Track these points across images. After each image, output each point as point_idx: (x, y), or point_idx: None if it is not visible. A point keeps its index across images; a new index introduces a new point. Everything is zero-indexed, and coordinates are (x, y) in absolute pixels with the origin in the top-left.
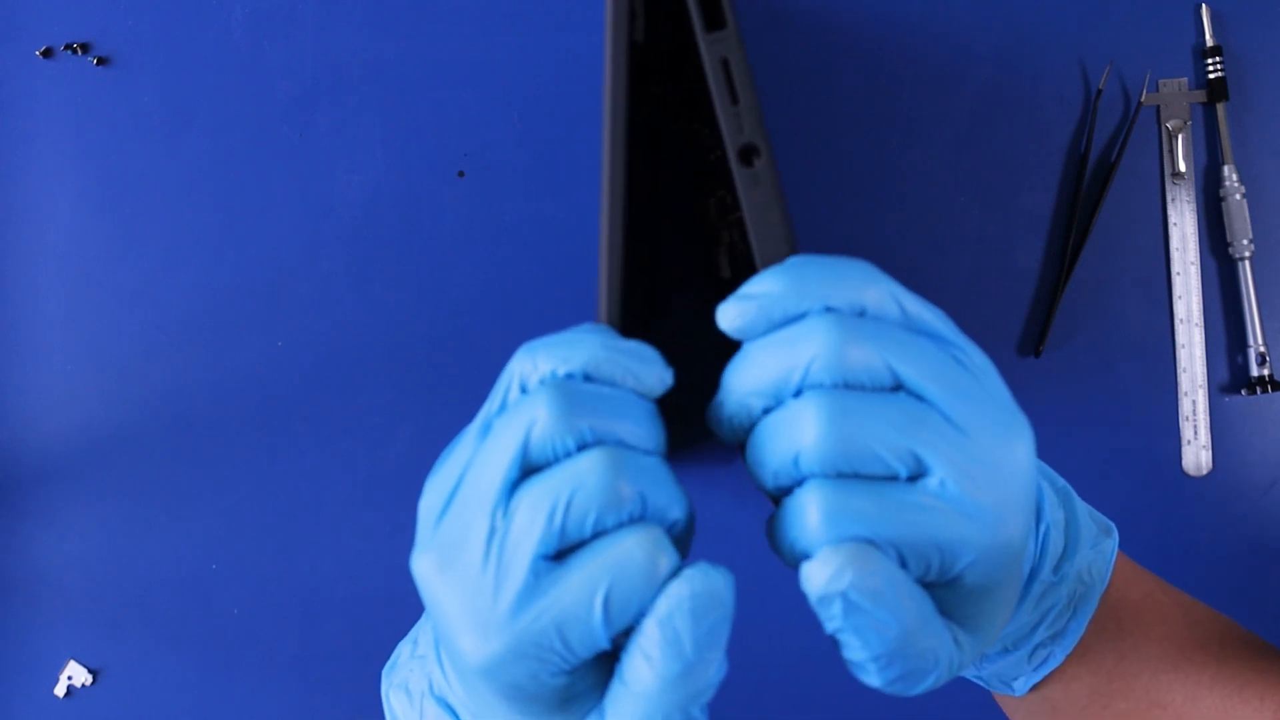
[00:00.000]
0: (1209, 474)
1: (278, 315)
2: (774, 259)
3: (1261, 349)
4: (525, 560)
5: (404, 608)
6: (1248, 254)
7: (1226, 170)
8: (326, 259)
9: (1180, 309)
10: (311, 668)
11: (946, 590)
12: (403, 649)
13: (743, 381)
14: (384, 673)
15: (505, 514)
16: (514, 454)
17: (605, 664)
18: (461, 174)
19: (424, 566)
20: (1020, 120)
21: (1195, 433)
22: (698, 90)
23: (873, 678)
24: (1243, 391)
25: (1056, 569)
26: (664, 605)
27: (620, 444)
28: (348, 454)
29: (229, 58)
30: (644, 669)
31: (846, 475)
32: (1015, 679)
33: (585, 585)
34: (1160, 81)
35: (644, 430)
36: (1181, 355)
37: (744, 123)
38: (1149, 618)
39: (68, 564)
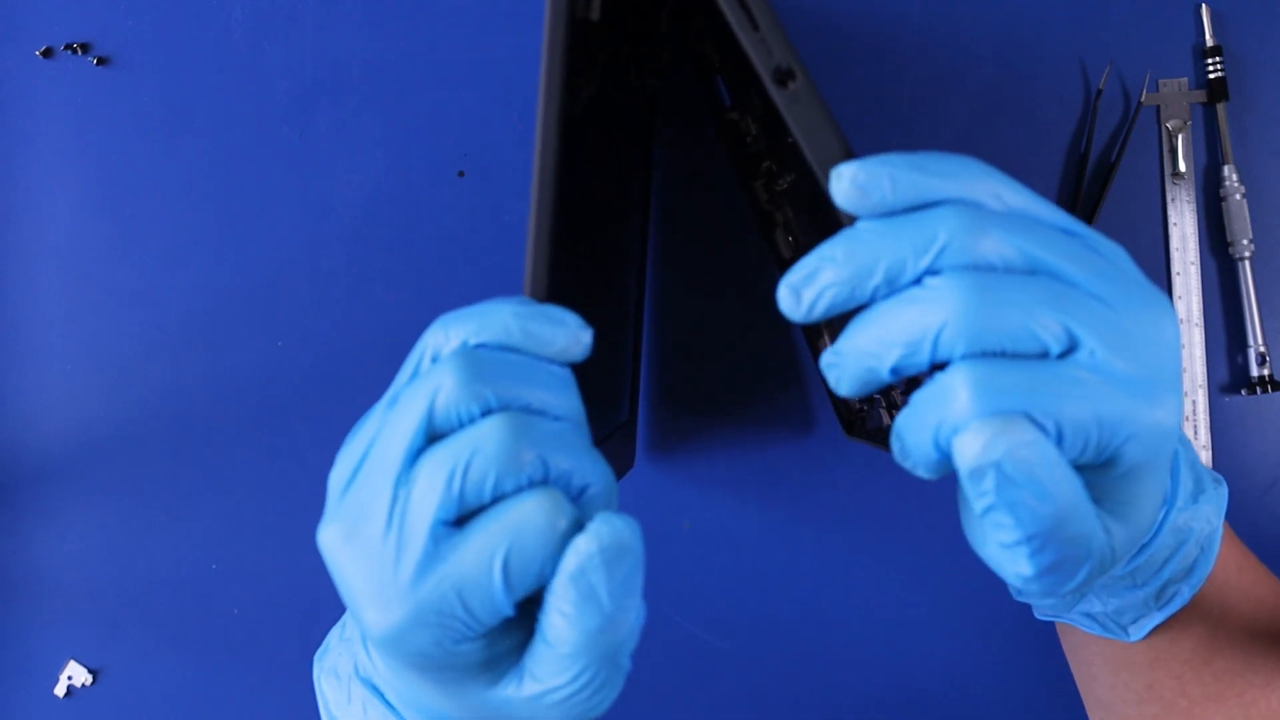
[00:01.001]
0: None
1: (278, 315)
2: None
3: (1261, 349)
4: (424, 527)
5: None
6: (1248, 254)
7: (1226, 170)
8: (326, 259)
9: (1180, 309)
10: (311, 668)
11: (1098, 473)
12: (333, 634)
13: (865, 260)
14: (315, 659)
15: (407, 482)
16: (418, 422)
17: (523, 626)
18: (461, 174)
19: (328, 538)
20: (1020, 120)
21: (1195, 433)
22: (720, 54)
23: (1025, 565)
24: (1243, 391)
25: (1194, 499)
26: (573, 561)
27: (526, 409)
28: None
29: (229, 58)
30: (562, 625)
31: (993, 354)
32: (1135, 621)
33: (483, 549)
34: (1160, 81)
35: (553, 395)
36: (1181, 355)
37: (771, 46)
38: (1247, 578)
39: (68, 564)
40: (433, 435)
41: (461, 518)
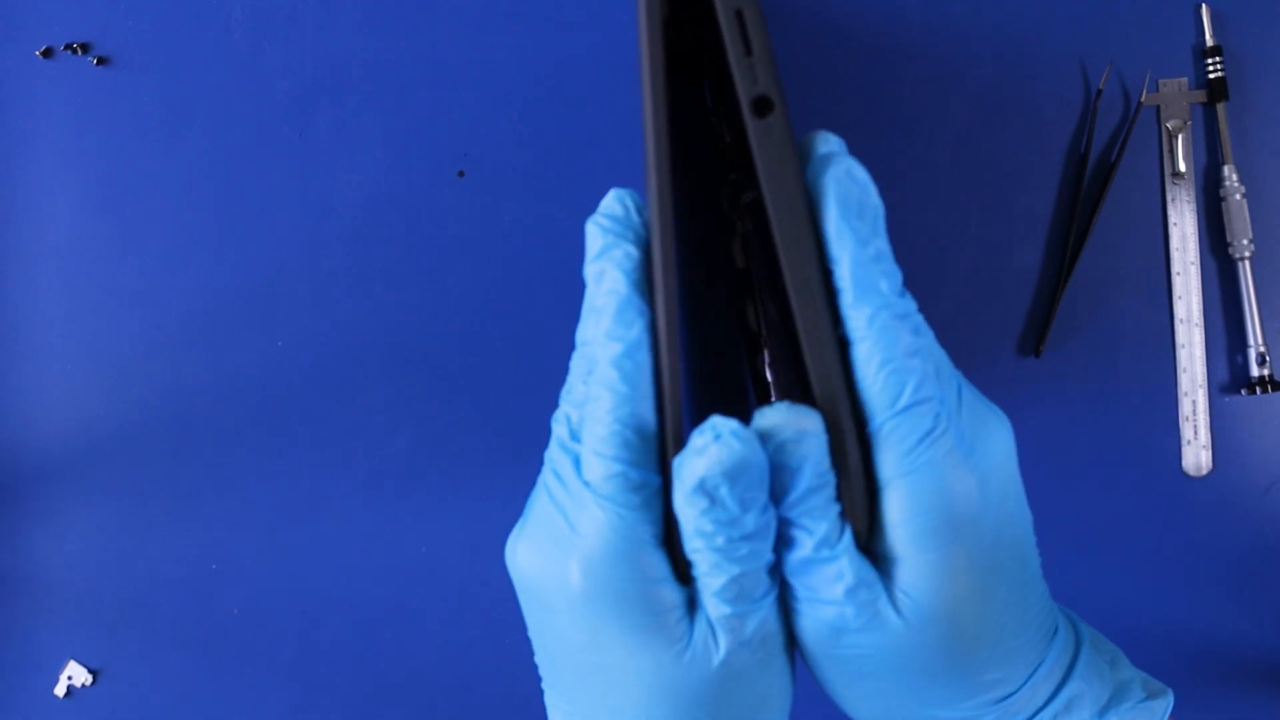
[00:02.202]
0: (1209, 474)
1: (278, 315)
2: (787, 215)
3: (1261, 349)
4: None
5: (404, 607)
6: (1248, 254)
7: (1226, 170)
8: (326, 259)
9: (1180, 309)
10: (311, 668)
11: None
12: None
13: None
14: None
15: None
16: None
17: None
18: (461, 174)
19: (522, 549)
20: (1020, 120)
21: (1195, 433)
22: (712, 60)
23: None
24: (1243, 391)
25: (1103, 711)
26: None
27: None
28: (348, 454)
29: (229, 58)
30: (702, 545)
31: None
32: None
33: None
34: (1160, 81)
35: None
36: (1181, 355)
37: (758, 74)
38: None
39: (68, 564)
40: None
41: None
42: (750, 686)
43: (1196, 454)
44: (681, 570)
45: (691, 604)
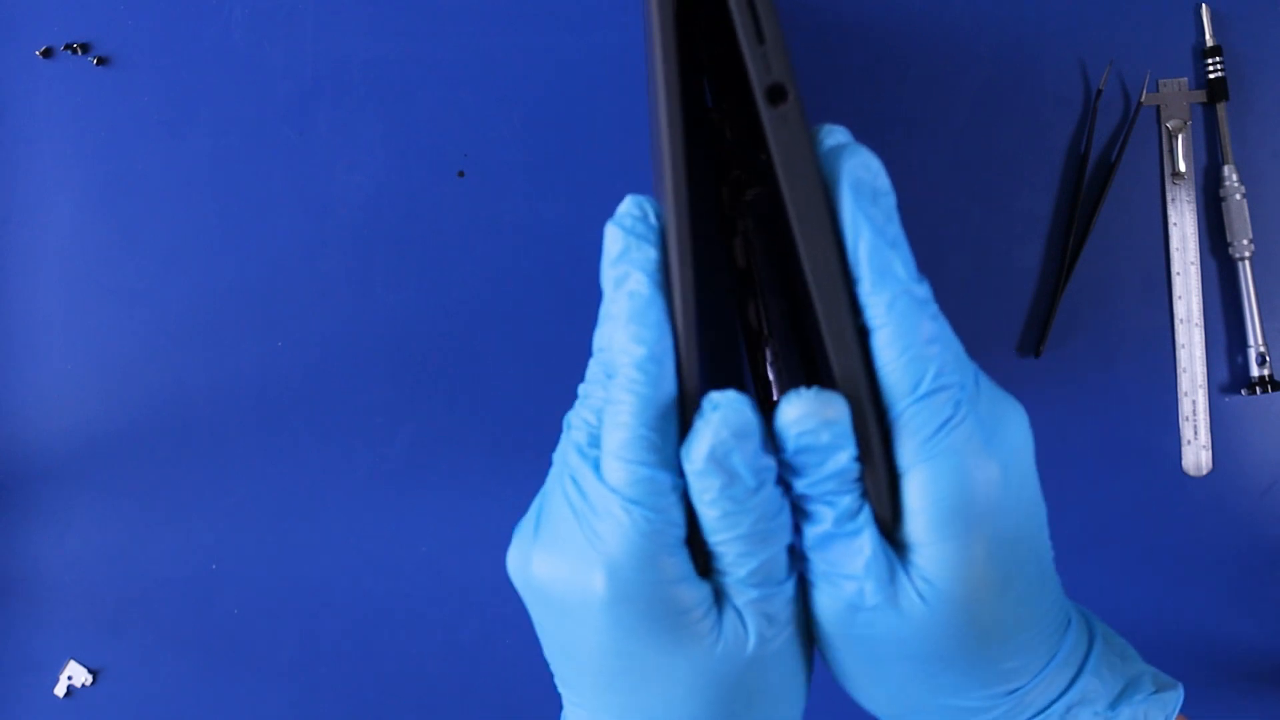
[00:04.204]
0: (1209, 474)
1: (278, 315)
2: (805, 203)
3: (1261, 349)
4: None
5: (404, 607)
6: (1248, 254)
7: (1226, 170)
8: (326, 259)
9: (1180, 309)
10: (311, 668)
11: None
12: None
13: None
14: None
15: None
16: None
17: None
18: (461, 174)
19: (537, 560)
20: (1020, 120)
21: (1195, 433)
22: (711, 58)
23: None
24: (1243, 391)
25: (1114, 704)
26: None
27: None
28: (348, 454)
29: (229, 58)
30: (714, 514)
31: None
32: None
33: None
34: (1160, 81)
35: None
36: (1181, 355)
37: (772, 62)
38: None
39: (68, 564)
40: None
41: None
42: (781, 666)
43: (1196, 454)
44: (702, 565)
45: (717, 596)
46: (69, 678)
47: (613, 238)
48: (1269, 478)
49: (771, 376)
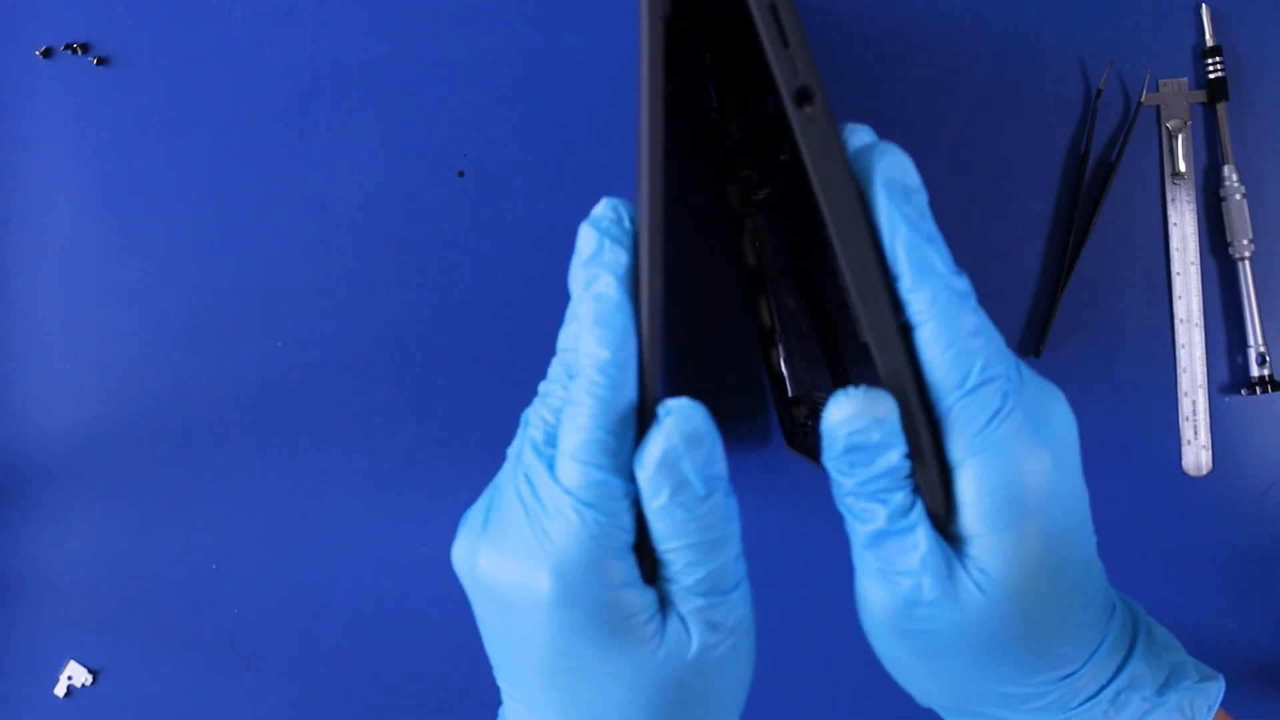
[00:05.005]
0: (1209, 474)
1: (278, 315)
2: (840, 204)
3: (1261, 349)
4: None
5: (404, 607)
6: (1248, 254)
7: (1226, 170)
8: (326, 259)
9: (1180, 309)
10: (311, 668)
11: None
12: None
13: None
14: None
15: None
16: None
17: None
18: (461, 174)
19: (482, 554)
20: (1020, 120)
21: (1195, 433)
22: (715, 59)
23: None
24: (1243, 391)
25: (1161, 690)
26: (658, 448)
27: None
28: (348, 454)
29: (229, 58)
30: (664, 523)
31: None
32: None
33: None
34: (1160, 81)
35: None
36: (1181, 355)
37: (798, 65)
38: None
39: (68, 564)
40: None
41: None
42: (724, 671)
43: (1196, 454)
44: (649, 572)
45: (661, 601)
46: (69, 678)
47: (586, 238)
48: (1269, 478)
49: (785, 372)
